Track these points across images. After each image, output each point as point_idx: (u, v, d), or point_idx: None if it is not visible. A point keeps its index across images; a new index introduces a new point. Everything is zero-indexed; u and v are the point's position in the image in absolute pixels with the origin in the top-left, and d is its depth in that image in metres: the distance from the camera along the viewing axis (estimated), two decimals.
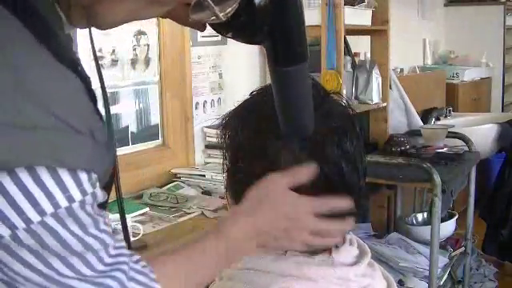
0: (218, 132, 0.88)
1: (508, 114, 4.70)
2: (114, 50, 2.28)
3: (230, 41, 0.93)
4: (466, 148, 2.90)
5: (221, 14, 0.62)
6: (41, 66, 0.59)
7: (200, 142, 2.55)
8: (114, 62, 2.30)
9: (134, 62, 2.39)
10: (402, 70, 4.21)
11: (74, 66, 0.64)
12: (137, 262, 0.67)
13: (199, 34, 2.48)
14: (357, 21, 2.77)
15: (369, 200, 3.00)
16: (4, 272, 0.60)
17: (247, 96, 0.90)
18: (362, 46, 3.21)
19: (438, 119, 3.92)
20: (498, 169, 3.62)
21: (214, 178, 2.29)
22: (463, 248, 2.89)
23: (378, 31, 3.02)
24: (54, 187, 0.59)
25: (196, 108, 2.54)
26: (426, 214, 2.93)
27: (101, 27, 0.69)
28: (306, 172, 0.79)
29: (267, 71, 2.97)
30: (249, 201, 0.80)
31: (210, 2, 0.61)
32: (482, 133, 3.58)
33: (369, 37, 3.11)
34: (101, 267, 0.63)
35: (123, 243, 0.68)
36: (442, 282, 2.53)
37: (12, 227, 0.58)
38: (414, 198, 3.21)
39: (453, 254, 2.77)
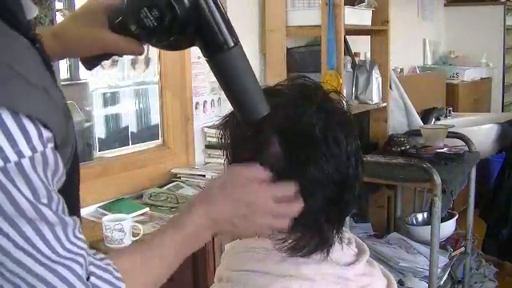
0: (218, 132, 0.89)
1: (508, 113, 4.69)
2: None
3: None
4: (466, 148, 2.90)
5: None
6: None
7: (200, 142, 2.54)
8: (114, 62, 2.30)
9: (134, 62, 2.39)
10: (402, 70, 4.20)
11: (33, 41, 0.66)
12: (101, 259, 0.66)
13: None
14: (357, 21, 2.76)
15: (368, 199, 3.00)
16: None
17: None
18: (362, 46, 3.20)
19: (438, 119, 3.91)
20: (497, 169, 3.62)
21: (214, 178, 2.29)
22: (463, 248, 2.88)
23: (378, 31, 3.02)
24: (2, 137, 0.54)
25: (196, 108, 2.53)
26: (426, 214, 2.92)
27: None
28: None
29: (267, 71, 2.97)
30: (206, 190, 0.83)
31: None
32: (482, 133, 3.58)
33: (369, 37, 3.11)
34: (60, 250, 0.58)
35: (83, 237, 0.63)
36: (442, 282, 2.53)
37: None
38: (414, 198, 3.21)
39: (453, 254, 2.77)
